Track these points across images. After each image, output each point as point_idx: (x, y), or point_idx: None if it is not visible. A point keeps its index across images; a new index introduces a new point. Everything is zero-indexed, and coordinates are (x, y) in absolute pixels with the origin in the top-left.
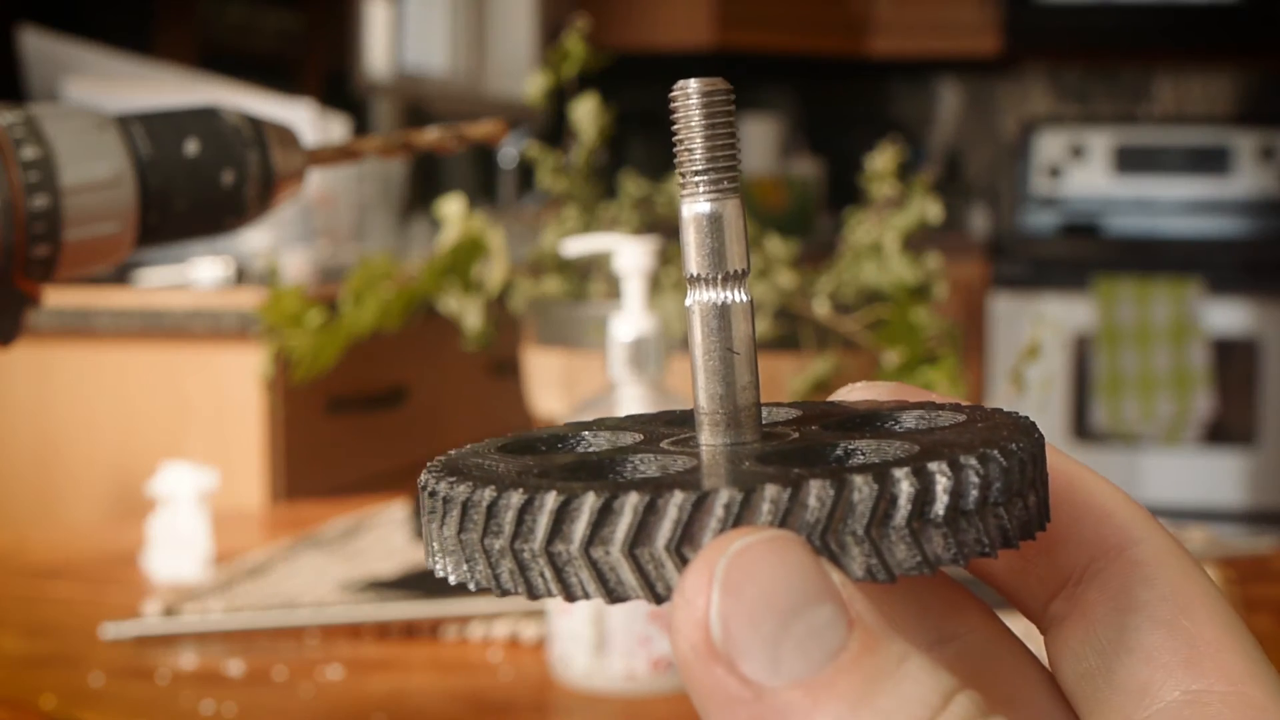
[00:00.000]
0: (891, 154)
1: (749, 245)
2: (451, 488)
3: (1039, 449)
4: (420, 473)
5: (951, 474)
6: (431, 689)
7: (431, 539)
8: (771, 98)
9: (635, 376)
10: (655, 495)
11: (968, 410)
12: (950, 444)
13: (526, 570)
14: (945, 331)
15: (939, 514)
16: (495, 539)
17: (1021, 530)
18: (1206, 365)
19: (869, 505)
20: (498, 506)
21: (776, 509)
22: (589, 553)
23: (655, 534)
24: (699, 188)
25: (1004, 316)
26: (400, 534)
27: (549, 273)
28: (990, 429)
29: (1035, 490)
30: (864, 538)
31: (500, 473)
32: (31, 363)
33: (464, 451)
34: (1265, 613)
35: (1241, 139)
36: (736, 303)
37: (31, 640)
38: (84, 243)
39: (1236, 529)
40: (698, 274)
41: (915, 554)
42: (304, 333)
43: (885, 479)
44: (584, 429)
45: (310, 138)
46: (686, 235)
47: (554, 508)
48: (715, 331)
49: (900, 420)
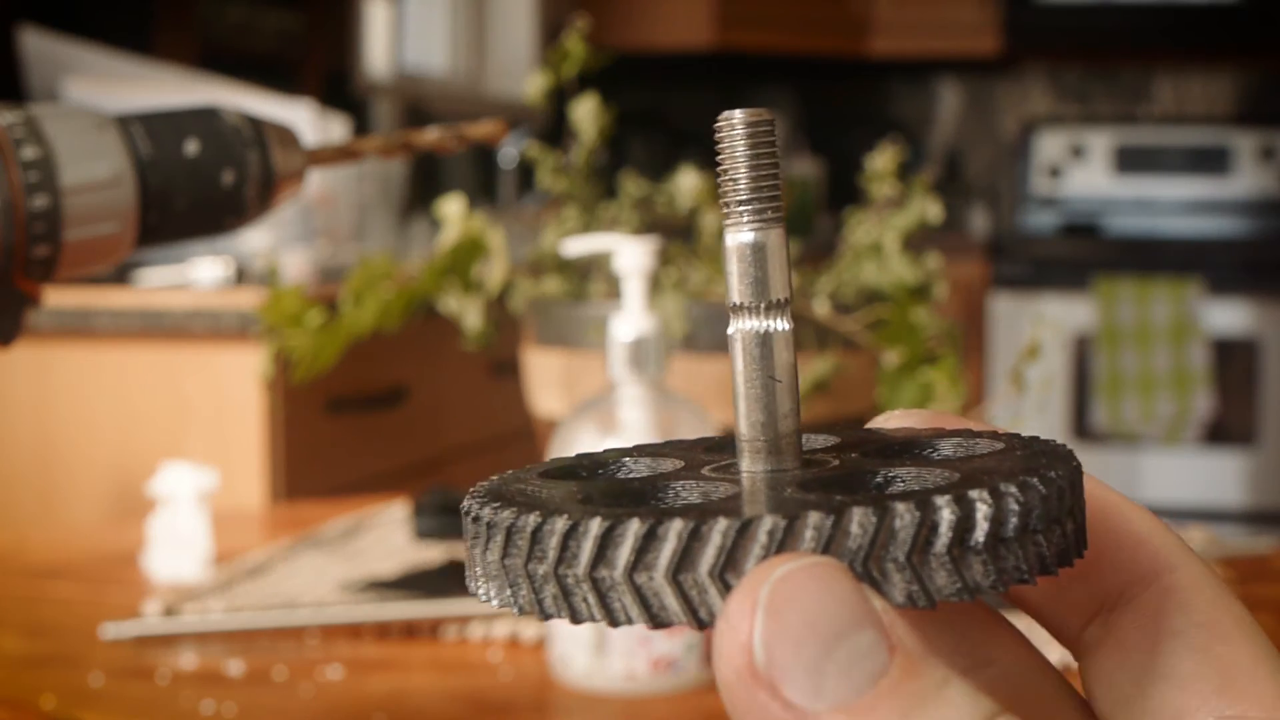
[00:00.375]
0: (891, 154)
1: (791, 274)
2: (495, 513)
3: (1077, 476)
4: (420, 473)
5: (992, 501)
6: (431, 689)
7: (475, 564)
8: (771, 98)
9: (635, 376)
10: (699, 521)
11: (1005, 438)
12: (990, 471)
13: (570, 595)
14: (945, 331)
15: (979, 541)
16: (539, 564)
17: (1059, 557)
18: (1206, 365)
19: (911, 532)
20: (542, 532)
21: (820, 536)
22: (633, 578)
23: (699, 560)
24: (743, 217)
25: (1004, 316)
26: (400, 534)
27: (549, 273)
28: (1029, 456)
29: (1073, 517)
30: (905, 564)
31: (544, 498)
32: (31, 363)
33: (506, 477)
34: (1265, 613)
35: (1241, 139)
36: (779, 331)
37: (31, 640)
38: (84, 243)
39: (1236, 529)
40: (741, 302)
41: (956, 580)
42: (304, 333)
43: (927, 506)
44: (625, 455)
45: (310, 138)
46: (730, 264)
47: (599, 533)
48: (758, 360)
49: (938, 447)
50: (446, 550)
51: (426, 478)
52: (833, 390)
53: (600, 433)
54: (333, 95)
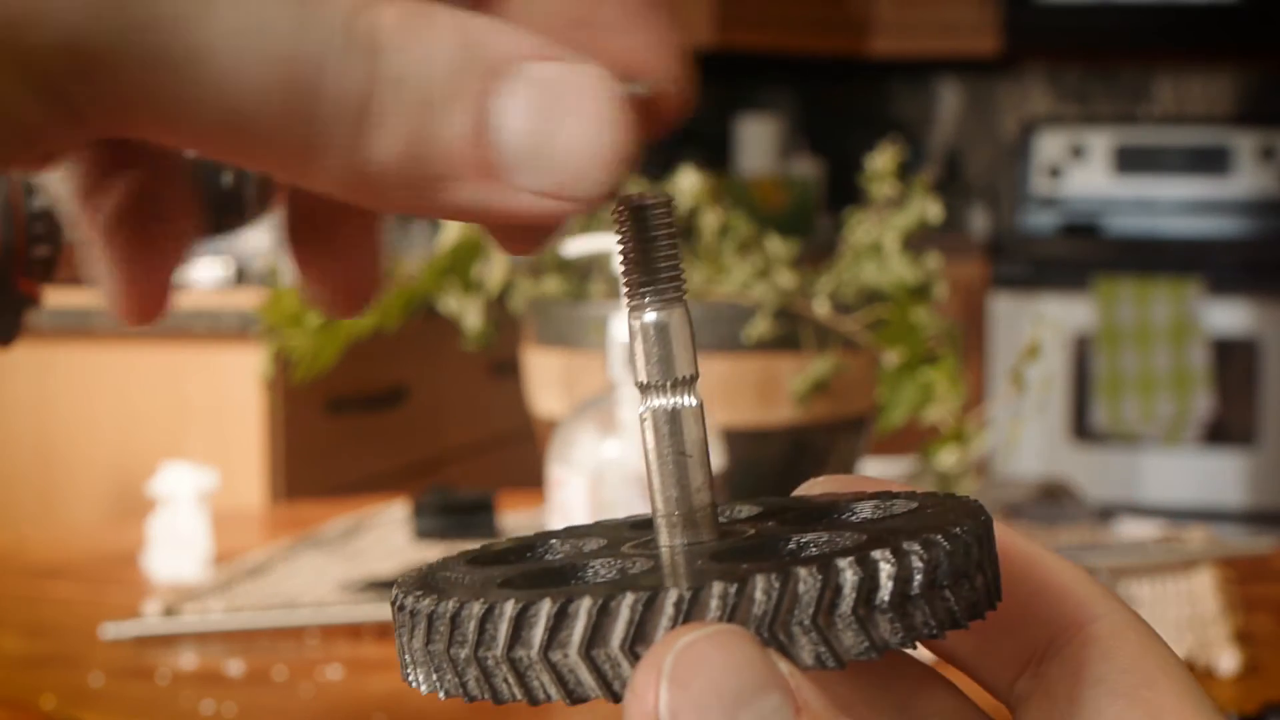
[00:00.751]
0: (891, 154)
1: (696, 351)
2: (418, 601)
3: (986, 530)
4: (420, 473)
5: (895, 560)
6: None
7: (404, 651)
8: (771, 98)
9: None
10: (608, 597)
11: (921, 497)
12: (896, 531)
13: (491, 677)
14: (945, 331)
15: (884, 600)
16: (460, 648)
17: (969, 611)
18: (1206, 365)
19: (814, 595)
20: (460, 617)
21: (724, 604)
22: (548, 656)
23: (610, 635)
24: (644, 298)
25: (1004, 316)
26: (400, 534)
27: (549, 273)
28: (938, 514)
29: (983, 571)
30: (811, 627)
31: (465, 584)
32: (31, 363)
33: (434, 565)
34: (1265, 613)
35: (1241, 139)
36: (687, 407)
37: (31, 640)
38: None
39: (1236, 529)
40: (648, 381)
41: (863, 640)
42: (304, 333)
43: (829, 569)
44: (552, 538)
45: None
46: (635, 345)
47: (513, 614)
48: (667, 436)
49: (856, 510)
50: (446, 550)
51: (426, 478)
52: (833, 390)
53: (600, 432)
54: None
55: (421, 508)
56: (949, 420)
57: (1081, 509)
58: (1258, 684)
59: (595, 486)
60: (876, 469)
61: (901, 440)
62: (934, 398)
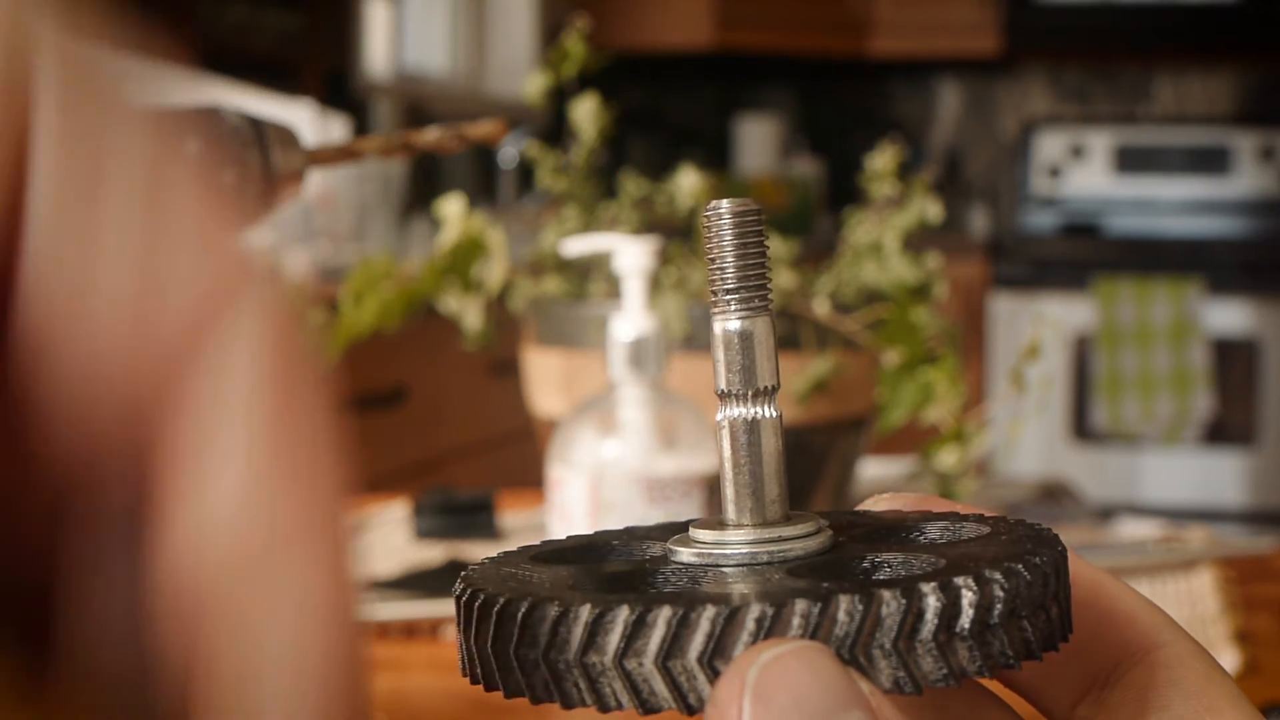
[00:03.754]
0: (891, 154)
1: (778, 362)
2: (486, 597)
3: (1061, 560)
4: (420, 473)
5: (977, 588)
6: (431, 689)
7: (467, 647)
8: (771, 98)
9: (635, 376)
10: (688, 609)
11: (991, 522)
12: (975, 558)
13: (561, 680)
14: (945, 331)
15: (965, 628)
16: (530, 650)
17: (1044, 641)
18: (1206, 365)
19: (897, 620)
20: (533, 619)
21: (807, 623)
22: (623, 664)
23: (688, 646)
24: (730, 305)
25: (1004, 316)
26: (400, 534)
27: (549, 273)
28: (1013, 541)
29: (1058, 602)
30: (891, 651)
31: (534, 584)
32: None
33: (496, 560)
34: (1265, 613)
35: (1241, 139)
36: (766, 418)
37: None
38: None
39: (1236, 529)
40: (728, 390)
41: (941, 666)
42: (304, 333)
43: (913, 593)
44: (615, 538)
45: (310, 138)
46: (718, 352)
47: (589, 619)
48: (745, 447)
49: (925, 531)
50: (446, 550)
51: (426, 478)
52: (833, 390)
53: (600, 432)
54: (333, 95)
55: (421, 508)
56: (949, 420)
57: (1081, 509)
58: (1258, 684)
59: (595, 486)
60: (876, 469)
61: (901, 440)
62: (934, 398)
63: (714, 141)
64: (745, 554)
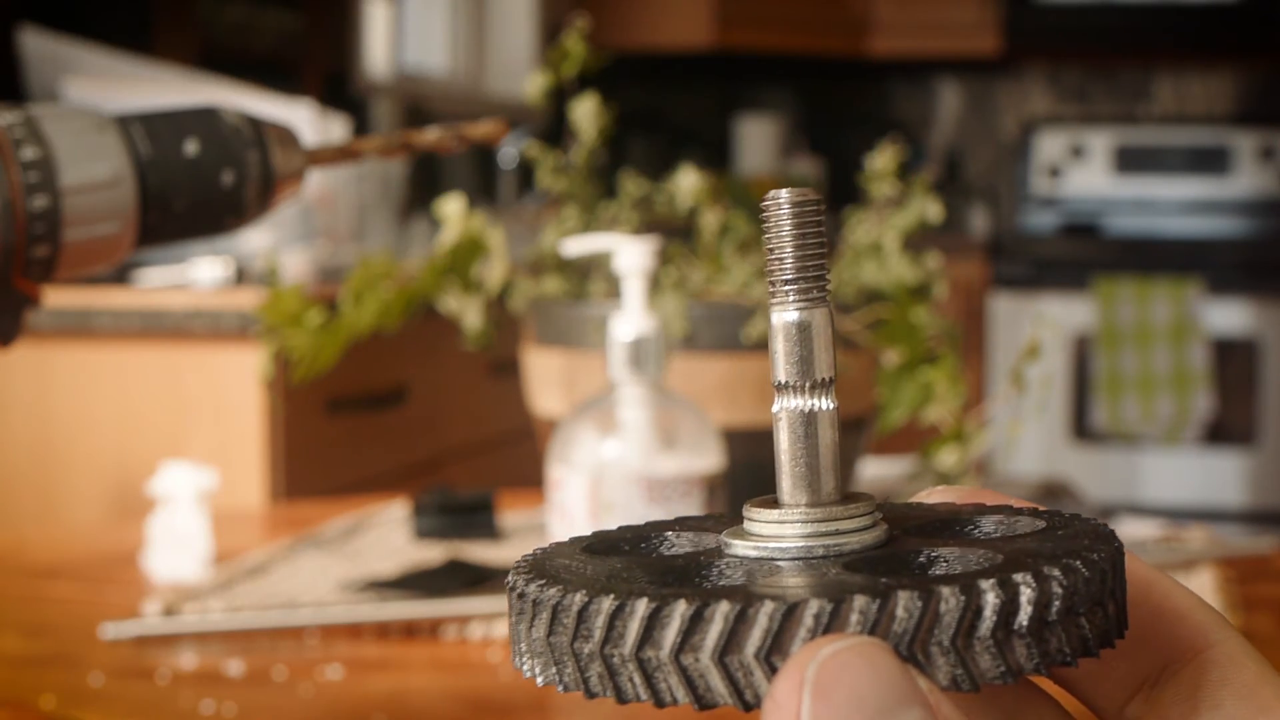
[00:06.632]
0: (891, 154)
1: (836, 353)
2: (541, 590)
3: (1119, 557)
4: (420, 473)
5: (1036, 585)
6: (431, 689)
7: (519, 639)
8: (771, 98)
9: (635, 376)
10: (745, 604)
11: (1046, 516)
12: (1032, 553)
13: (616, 675)
14: (945, 331)
15: (1024, 625)
16: (585, 643)
17: (1101, 639)
18: (1206, 365)
19: (956, 616)
20: (588, 611)
21: (865, 620)
22: (679, 659)
23: (745, 642)
24: (789, 296)
25: (1004, 316)
26: (400, 534)
27: (549, 273)
28: (1070, 537)
29: (1115, 599)
30: (950, 648)
31: (589, 575)
32: (31, 363)
33: (549, 550)
34: (1265, 613)
35: (1241, 139)
36: (823, 410)
37: (31, 640)
38: (83, 243)
39: (1236, 529)
40: (786, 381)
41: (999, 664)
42: (304, 333)
43: (972, 590)
44: (667, 529)
45: (310, 138)
46: (775, 343)
47: (645, 614)
48: (801, 439)
49: (980, 525)
50: (446, 550)
51: (426, 478)
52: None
53: (600, 432)
54: (333, 95)
55: (421, 508)
56: (949, 420)
57: (1081, 509)
58: None
59: (595, 486)
60: (876, 469)
61: (901, 440)
62: (934, 398)
63: (714, 141)
64: (801, 547)
